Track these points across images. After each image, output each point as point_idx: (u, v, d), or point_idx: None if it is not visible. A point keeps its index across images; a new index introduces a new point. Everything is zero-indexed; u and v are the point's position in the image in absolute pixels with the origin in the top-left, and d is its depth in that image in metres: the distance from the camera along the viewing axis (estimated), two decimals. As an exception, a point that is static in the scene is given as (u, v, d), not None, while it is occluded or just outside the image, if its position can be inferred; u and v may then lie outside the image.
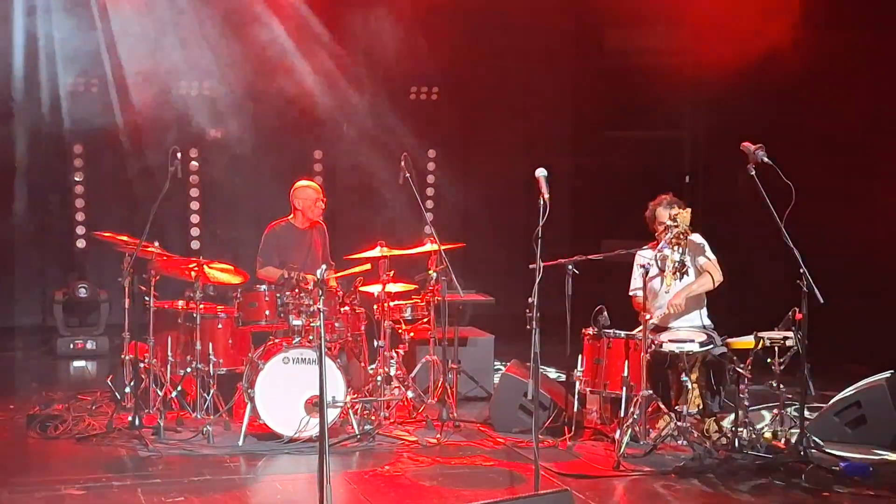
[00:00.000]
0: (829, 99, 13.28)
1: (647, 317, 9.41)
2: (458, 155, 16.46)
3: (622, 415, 9.37)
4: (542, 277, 7.81)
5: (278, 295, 9.97)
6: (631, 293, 10.29)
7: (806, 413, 9.29)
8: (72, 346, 14.29)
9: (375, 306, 10.50)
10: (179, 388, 10.24)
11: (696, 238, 9.78)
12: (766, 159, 9.09)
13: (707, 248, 9.96)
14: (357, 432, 9.66)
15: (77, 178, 14.99)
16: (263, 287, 10.21)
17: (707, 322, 10.03)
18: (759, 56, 13.92)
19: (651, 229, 10.14)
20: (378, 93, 15.62)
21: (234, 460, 9.17)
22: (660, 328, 9.87)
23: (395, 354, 10.53)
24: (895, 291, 12.87)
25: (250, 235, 14.43)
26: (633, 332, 9.62)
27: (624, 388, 9.39)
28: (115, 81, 14.57)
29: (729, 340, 9.51)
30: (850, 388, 10.01)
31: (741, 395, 9.23)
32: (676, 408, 9.43)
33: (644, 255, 10.06)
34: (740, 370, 9.22)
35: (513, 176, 15.49)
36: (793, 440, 9.08)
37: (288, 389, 9.49)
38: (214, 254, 13.54)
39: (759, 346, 9.22)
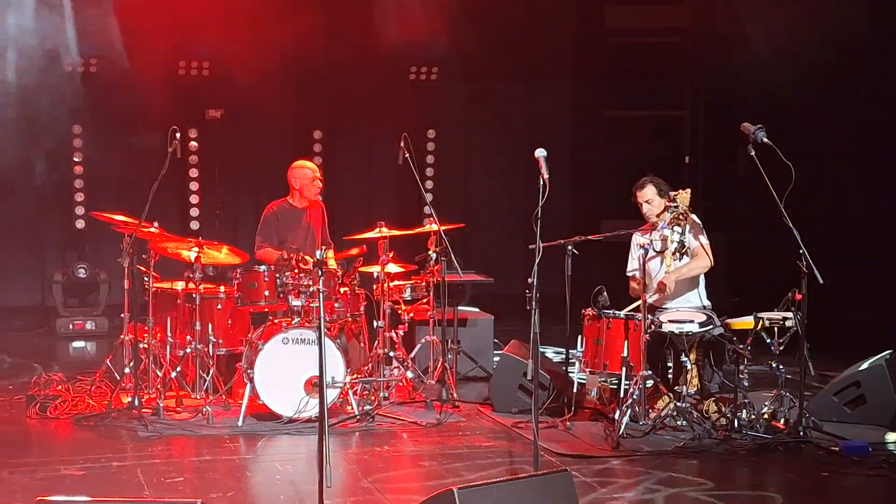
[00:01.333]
0: (830, 80, 13.27)
1: (648, 296, 9.40)
2: (457, 135, 16.44)
3: (621, 395, 9.38)
4: (541, 258, 7.80)
5: (277, 275, 9.96)
6: (628, 274, 10.30)
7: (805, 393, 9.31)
8: (71, 326, 14.31)
9: (375, 287, 10.50)
10: (179, 369, 10.24)
11: (696, 218, 9.77)
12: (765, 140, 9.09)
13: (702, 230, 9.95)
14: (356, 413, 9.67)
15: (76, 159, 14.97)
16: (263, 267, 10.20)
17: (706, 302, 10.03)
18: (759, 36, 13.92)
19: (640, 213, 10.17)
20: (378, 73, 15.59)
21: (234, 441, 9.18)
22: (654, 308, 9.86)
23: (394, 335, 10.53)
24: (894, 271, 12.88)
25: (250, 216, 14.46)
26: (633, 312, 9.62)
27: (623, 369, 9.40)
28: (114, 61, 14.55)
29: (728, 321, 9.51)
30: (850, 368, 10.02)
31: (740, 376, 9.24)
32: (676, 388, 9.45)
33: (641, 237, 10.07)
34: (740, 350, 9.23)
35: (512, 156, 15.52)
36: (792, 420, 9.10)
37: (287, 370, 9.49)
38: (214, 234, 13.61)
39: (759, 326, 9.24)
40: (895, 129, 12.89)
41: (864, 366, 9.91)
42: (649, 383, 9.39)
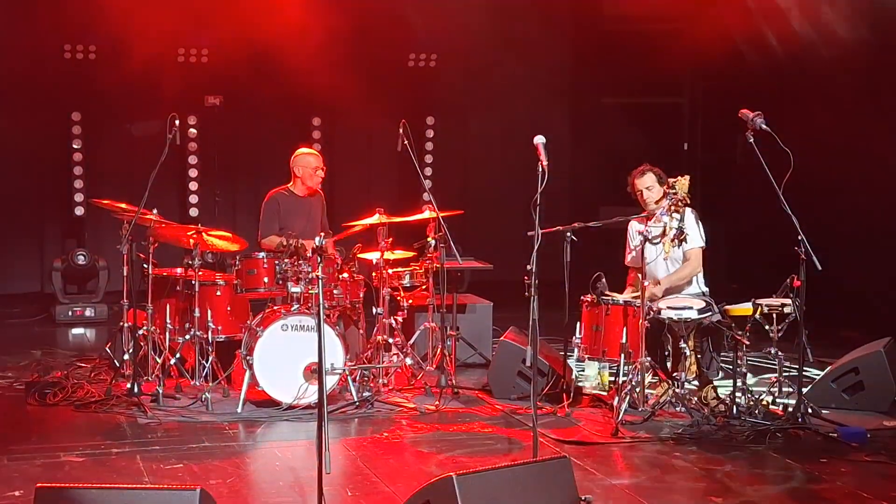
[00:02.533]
0: (828, 65, 13.25)
1: (646, 283, 9.41)
2: (456, 122, 16.44)
3: (620, 382, 9.39)
4: (540, 244, 7.81)
5: (277, 262, 9.96)
6: (628, 264, 10.31)
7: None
8: (70, 313, 14.31)
9: (374, 273, 10.51)
10: (178, 356, 10.25)
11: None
12: (764, 126, 9.08)
13: (700, 230, 9.93)
14: (356, 399, 9.68)
15: (76, 146, 14.95)
16: (262, 254, 10.20)
17: (704, 288, 10.05)
18: (758, 21, 13.89)
19: (638, 201, 10.18)
20: (377, 59, 15.58)
21: (233, 427, 9.20)
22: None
23: (393, 321, 10.54)
24: (893, 258, 12.88)
25: (249, 202, 14.46)
26: (631, 299, 9.63)
27: (622, 355, 9.41)
28: (113, 48, 14.56)
29: (727, 307, 9.52)
30: (848, 354, 10.04)
31: (739, 362, 9.25)
32: (674, 375, 9.46)
33: (636, 225, 10.11)
34: (738, 337, 9.24)
35: (511, 143, 15.50)
36: (790, 407, 9.12)
37: (286, 356, 9.51)
38: (213, 221, 13.61)
39: (757, 312, 9.25)
40: (894, 115, 12.86)
41: (863, 352, 9.94)
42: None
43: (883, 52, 12.84)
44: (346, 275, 10.18)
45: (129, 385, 9.70)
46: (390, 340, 10.43)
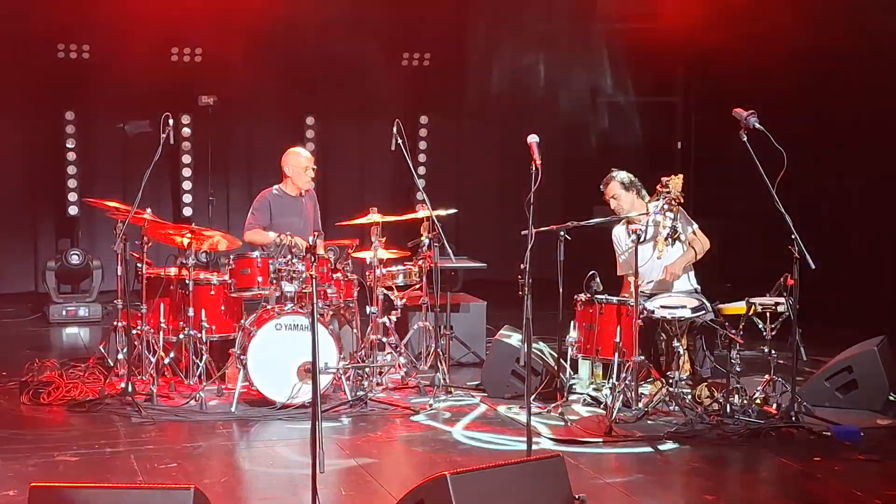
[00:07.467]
0: (823, 63, 13.26)
1: (640, 282, 9.41)
2: (450, 121, 16.43)
3: (614, 380, 9.40)
4: (533, 243, 7.81)
5: (271, 262, 9.96)
6: (620, 274, 10.31)
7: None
8: (64, 312, 14.29)
9: (367, 272, 10.50)
10: (172, 355, 10.24)
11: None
12: (758, 125, 9.08)
13: (684, 215, 9.96)
14: (349, 398, 9.69)
15: (69, 145, 14.93)
16: (256, 253, 10.19)
17: (696, 286, 10.06)
18: (753, 20, 13.89)
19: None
20: (370, 58, 15.57)
21: (227, 426, 9.19)
22: (652, 294, 9.88)
23: (387, 321, 10.54)
24: (886, 256, 12.90)
25: (242, 201, 14.43)
26: (626, 298, 9.64)
27: (616, 354, 9.42)
28: (108, 47, 14.55)
29: (721, 306, 9.53)
30: (842, 353, 10.04)
31: (732, 361, 9.26)
32: (668, 373, 9.46)
33: (619, 233, 10.18)
34: (732, 336, 9.24)
35: (505, 142, 15.52)
36: (784, 405, 9.12)
37: (280, 356, 9.51)
38: (207, 220, 13.60)
39: (751, 311, 9.25)
40: (888, 113, 12.88)
41: (856, 351, 9.94)
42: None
43: (875, 48, 12.87)
44: (339, 274, 10.18)
45: (123, 384, 9.70)
46: (384, 340, 10.43)
